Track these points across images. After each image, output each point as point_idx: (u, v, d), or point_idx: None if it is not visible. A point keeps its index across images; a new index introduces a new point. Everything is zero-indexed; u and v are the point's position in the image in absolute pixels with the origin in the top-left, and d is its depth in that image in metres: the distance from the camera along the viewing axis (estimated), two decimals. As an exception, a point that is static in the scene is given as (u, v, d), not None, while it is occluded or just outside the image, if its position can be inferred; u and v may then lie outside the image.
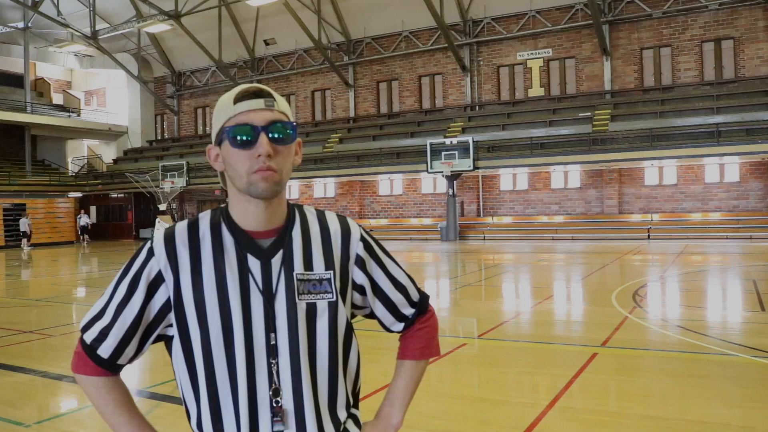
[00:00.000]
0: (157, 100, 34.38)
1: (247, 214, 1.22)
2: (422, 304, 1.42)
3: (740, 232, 20.21)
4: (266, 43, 30.45)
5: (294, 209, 1.29)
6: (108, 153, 35.90)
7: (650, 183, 22.71)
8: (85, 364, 1.26)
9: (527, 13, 24.93)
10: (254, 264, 1.21)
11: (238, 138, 1.17)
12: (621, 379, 4.97)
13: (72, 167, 35.15)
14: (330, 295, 1.24)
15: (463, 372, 5.18)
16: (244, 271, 1.20)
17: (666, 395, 4.44)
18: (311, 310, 1.22)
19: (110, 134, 35.10)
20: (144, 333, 1.24)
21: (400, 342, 1.43)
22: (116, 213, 33.38)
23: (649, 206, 22.63)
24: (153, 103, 35.02)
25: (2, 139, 32.81)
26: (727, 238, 20.04)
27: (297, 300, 1.21)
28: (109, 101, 37.40)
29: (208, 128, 33.70)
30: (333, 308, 1.24)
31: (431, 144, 22.76)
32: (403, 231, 25.69)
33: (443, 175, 22.80)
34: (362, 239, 1.32)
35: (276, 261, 1.22)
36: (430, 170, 22.90)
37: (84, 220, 29.55)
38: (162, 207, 28.83)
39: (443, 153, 22.42)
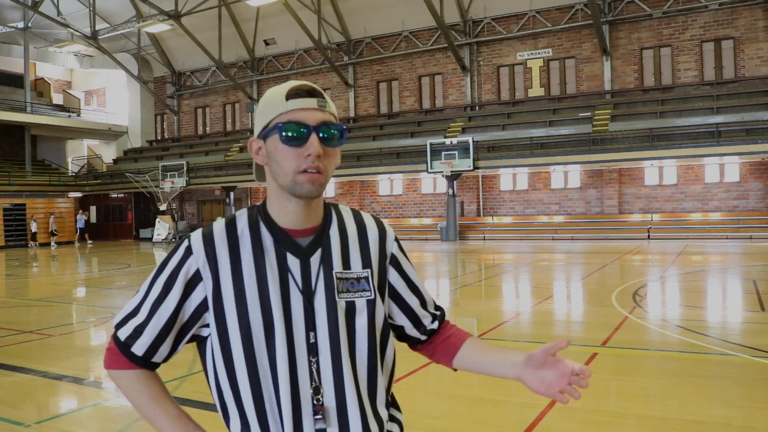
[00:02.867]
0: (157, 100, 34.38)
1: (287, 212, 1.22)
2: (440, 308, 1.46)
3: (740, 232, 20.21)
4: (266, 43, 30.45)
5: (330, 208, 1.30)
6: (108, 153, 35.90)
7: (650, 183, 22.72)
8: (119, 360, 1.25)
9: (527, 13, 24.93)
10: (293, 263, 1.21)
11: (290, 135, 1.17)
12: (621, 379, 4.97)
13: (72, 167, 35.14)
14: (368, 293, 1.25)
15: (463, 372, 5.15)
16: (283, 270, 1.21)
17: (666, 395, 4.44)
18: (350, 309, 1.23)
19: (110, 134, 35.10)
20: (179, 332, 1.24)
21: (440, 344, 1.42)
22: (116, 213, 33.37)
23: (649, 206, 22.63)
24: (153, 103, 35.02)
25: (2, 139, 32.81)
26: (727, 238, 20.04)
27: (337, 298, 1.22)
28: (109, 101, 37.40)
29: (208, 128, 33.72)
30: (371, 306, 1.25)
31: (431, 144, 22.76)
32: (403, 231, 25.69)
33: (443, 175, 22.80)
34: (396, 240, 1.36)
35: (315, 260, 1.22)
36: (430, 170, 22.90)
37: (81, 221, 29.54)
38: (162, 207, 28.82)
39: (443, 153, 22.42)
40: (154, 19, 26.71)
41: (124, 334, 1.25)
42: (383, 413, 1.26)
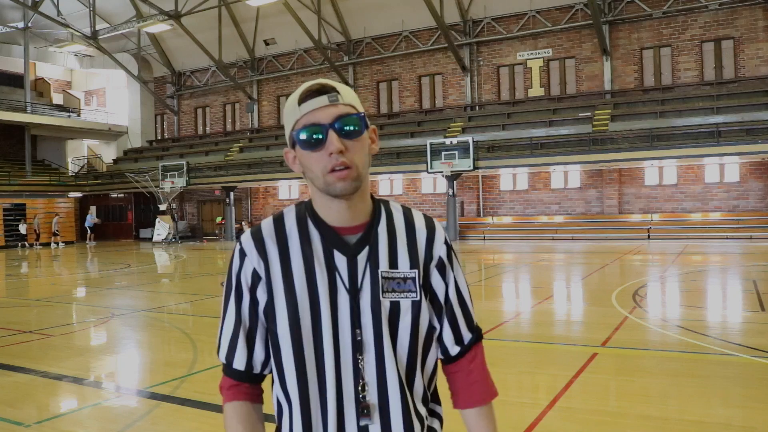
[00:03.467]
0: (157, 100, 34.38)
1: (331, 211, 1.22)
2: (479, 331, 1.36)
3: (740, 232, 20.21)
4: (266, 43, 30.45)
5: (380, 205, 1.28)
6: (108, 153, 35.90)
7: (650, 183, 22.71)
8: (228, 386, 1.27)
9: (527, 13, 24.93)
10: (340, 260, 1.21)
11: (307, 139, 1.16)
12: (621, 379, 4.97)
13: (72, 167, 35.14)
14: (414, 294, 1.23)
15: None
16: (330, 268, 1.21)
17: (666, 395, 4.44)
18: (395, 309, 1.22)
19: (110, 134, 35.10)
20: (266, 338, 1.25)
21: (455, 380, 1.35)
22: (116, 213, 33.37)
23: (649, 206, 22.63)
24: (153, 103, 35.02)
25: (2, 139, 32.81)
26: (727, 238, 20.04)
27: (381, 298, 1.21)
28: (109, 101, 37.40)
29: (208, 128, 33.73)
30: (416, 308, 1.23)
31: (431, 144, 22.75)
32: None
33: (443, 175, 22.80)
34: (446, 243, 1.31)
35: (362, 258, 1.22)
36: (430, 170, 22.89)
37: (90, 221, 29.52)
38: (162, 207, 28.82)
39: (443, 153, 22.42)
40: (154, 19, 26.71)
41: (222, 354, 1.27)
42: (423, 410, 1.27)
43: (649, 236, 21.31)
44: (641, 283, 10.41)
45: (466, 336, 1.32)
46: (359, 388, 1.18)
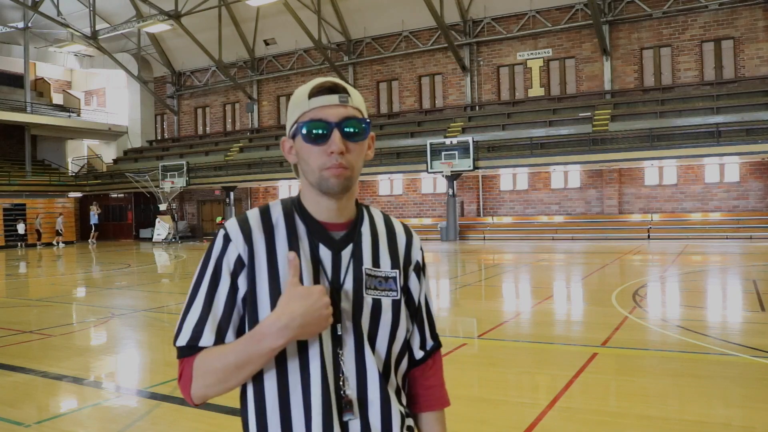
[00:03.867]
0: (157, 100, 34.38)
1: (320, 207, 1.24)
2: (439, 339, 1.41)
3: (740, 232, 20.21)
4: (266, 43, 30.45)
5: (362, 207, 1.32)
6: (108, 153, 35.90)
7: (650, 183, 22.72)
8: (189, 371, 1.18)
9: (527, 13, 24.93)
10: (325, 254, 1.22)
11: (311, 133, 1.18)
12: (621, 379, 4.97)
13: (72, 167, 35.14)
14: (395, 294, 1.26)
15: (463, 372, 5.16)
16: (315, 261, 1.22)
17: (666, 395, 4.44)
18: (377, 306, 1.24)
19: (110, 134, 35.10)
20: (239, 325, 1.21)
21: (415, 384, 1.37)
22: (116, 213, 33.37)
23: (649, 206, 22.64)
24: (153, 103, 35.02)
25: (2, 139, 32.81)
26: (727, 238, 20.04)
27: (364, 294, 1.23)
28: (109, 101, 37.40)
29: (208, 128, 33.72)
30: (396, 307, 1.26)
31: (431, 144, 22.76)
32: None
33: (443, 175, 22.80)
34: (421, 249, 1.37)
35: (346, 253, 1.24)
36: (430, 170, 22.89)
37: (94, 216, 29.46)
38: (162, 207, 28.82)
39: (443, 153, 22.42)
40: (154, 19, 26.71)
41: (184, 339, 1.19)
42: (402, 408, 1.28)
43: (649, 236, 21.31)
44: (641, 283, 10.41)
45: (429, 342, 1.38)
46: (340, 383, 1.19)
